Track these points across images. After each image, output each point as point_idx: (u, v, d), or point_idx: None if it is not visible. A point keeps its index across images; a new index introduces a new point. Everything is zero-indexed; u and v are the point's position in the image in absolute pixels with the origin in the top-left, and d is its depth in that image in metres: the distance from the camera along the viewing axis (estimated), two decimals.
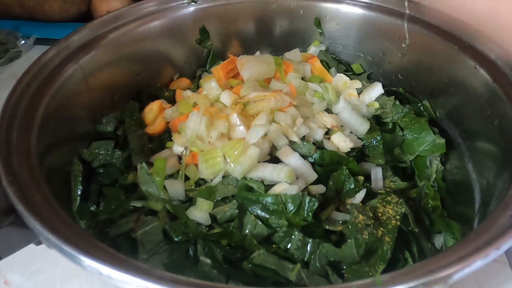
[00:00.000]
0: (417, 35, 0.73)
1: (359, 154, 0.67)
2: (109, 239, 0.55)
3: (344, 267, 0.52)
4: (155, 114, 0.72)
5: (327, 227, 0.55)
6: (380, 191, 0.60)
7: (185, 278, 0.37)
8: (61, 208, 0.45)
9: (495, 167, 0.57)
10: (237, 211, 0.56)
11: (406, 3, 0.75)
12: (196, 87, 0.80)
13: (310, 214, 0.54)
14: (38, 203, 0.44)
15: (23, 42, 1.09)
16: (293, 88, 0.72)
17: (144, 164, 0.61)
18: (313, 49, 0.86)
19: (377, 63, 0.82)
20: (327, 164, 0.62)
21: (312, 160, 0.62)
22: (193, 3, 0.80)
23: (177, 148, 0.64)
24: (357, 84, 0.78)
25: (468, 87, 0.65)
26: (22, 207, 0.42)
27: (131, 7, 0.76)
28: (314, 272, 0.51)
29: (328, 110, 0.72)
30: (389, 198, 0.58)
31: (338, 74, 0.80)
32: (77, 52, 0.66)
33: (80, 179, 0.58)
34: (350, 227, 0.54)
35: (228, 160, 0.59)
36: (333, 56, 0.86)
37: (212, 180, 0.60)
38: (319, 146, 0.65)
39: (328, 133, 0.68)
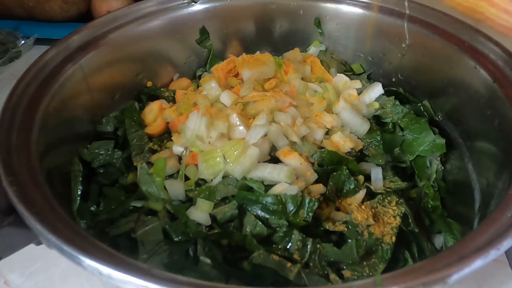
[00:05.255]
0: (417, 35, 0.73)
1: (359, 154, 0.67)
2: (109, 239, 0.55)
3: (344, 267, 0.52)
4: (155, 114, 0.72)
5: (327, 227, 0.55)
6: (380, 191, 0.60)
7: (185, 278, 0.37)
8: (61, 208, 0.45)
9: (495, 167, 0.57)
10: (237, 211, 0.56)
11: (406, 3, 0.75)
12: (196, 87, 0.80)
13: (310, 214, 0.54)
14: (38, 203, 0.44)
15: (23, 42, 1.09)
16: (293, 88, 0.72)
17: (144, 164, 0.61)
18: (313, 49, 0.86)
19: (377, 63, 0.82)
20: (327, 164, 0.62)
21: (312, 160, 0.62)
22: (193, 3, 0.80)
23: (177, 149, 0.64)
24: (357, 84, 0.78)
25: (468, 87, 0.65)
26: (22, 207, 0.42)
27: (131, 7, 0.76)
28: (314, 272, 0.51)
29: (328, 110, 0.72)
30: (389, 198, 0.58)
31: (338, 74, 0.80)
32: (77, 52, 0.66)
33: (80, 179, 0.58)
34: (350, 227, 0.54)
35: (228, 160, 0.59)
36: (333, 56, 0.86)
37: (212, 180, 0.60)
38: (319, 146, 0.65)
39: (328, 133, 0.68)
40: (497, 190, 0.53)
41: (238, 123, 0.63)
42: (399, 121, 0.72)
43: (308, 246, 0.52)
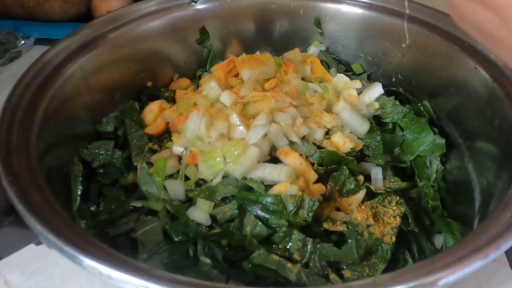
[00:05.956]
0: (417, 35, 0.73)
1: (359, 154, 0.67)
2: (109, 239, 0.55)
3: (344, 267, 0.52)
4: (155, 114, 0.72)
5: (327, 227, 0.55)
6: (380, 191, 0.60)
7: (185, 278, 0.37)
8: (61, 208, 0.45)
9: (495, 167, 0.57)
10: (237, 211, 0.56)
11: (406, 3, 0.75)
12: (196, 87, 0.80)
13: (310, 214, 0.54)
14: (38, 203, 0.44)
15: (23, 42, 1.09)
16: (293, 88, 0.72)
17: (144, 164, 0.61)
18: (313, 49, 0.86)
19: (377, 63, 0.82)
20: (327, 164, 0.62)
21: (312, 160, 0.62)
22: (193, 3, 0.80)
23: (177, 149, 0.64)
24: (357, 84, 0.78)
25: (468, 87, 0.65)
26: (22, 207, 0.42)
27: (131, 7, 0.76)
28: (314, 272, 0.51)
29: (328, 110, 0.72)
30: (389, 198, 0.58)
31: (338, 74, 0.80)
32: (77, 52, 0.66)
33: (80, 179, 0.58)
34: (350, 227, 0.54)
35: (228, 160, 0.59)
36: (333, 56, 0.86)
37: (212, 180, 0.60)
38: (319, 146, 0.65)
39: (328, 133, 0.68)
40: (497, 190, 0.53)
41: (238, 123, 0.63)
42: (399, 121, 0.72)
43: (308, 246, 0.52)
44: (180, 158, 0.64)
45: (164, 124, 0.71)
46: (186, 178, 0.62)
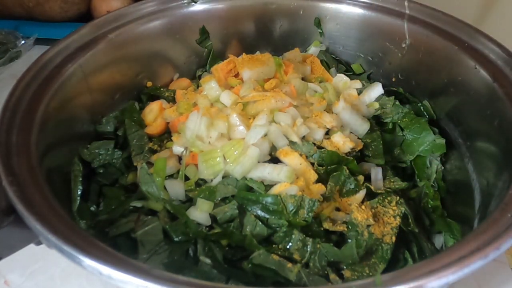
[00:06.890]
0: (417, 35, 0.73)
1: (359, 154, 0.67)
2: (109, 239, 0.55)
3: (344, 267, 0.52)
4: (155, 114, 0.72)
5: (327, 227, 0.55)
6: (380, 191, 0.60)
7: (185, 278, 0.37)
8: (61, 208, 0.45)
9: (495, 167, 0.57)
10: (237, 211, 0.56)
11: (406, 3, 0.75)
12: (196, 87, 0.80)
13: (310, 214, 0.54)
14: (38, 203, 0.44)
15: (23, 42, 1.09)
16: (293, 88, 0.72)
17: (144, 164, 0.61)
18: (313, 49, 0.86)
19: (377, 63, 0.82)
20: (327, 164, 0.62)
21: (312, 160, 0.62)
22: (193, 3, 0.80)
23: (177, 149, 0.64)
24: (357, 84, 0.78)
25: (468, 87, 0.65)
26: (22, 207, 0.42)
27: (131, 7, 0.76)
28: (314, 272, 0.51)
29: (328, 110, 0.72)
30: (389, 198, 0.58)
31: (338, 74, 0.80)
32: (77, 52, 0.66)
33: (80, 179, 0.58)
34: (350, 227, 0.54)
35: (228, 160, 0.59)
36: (333, 56, 0.86)
37: (212, 180, 0.60)
38: (319, 146, 0.65)
39: (328, 133, 0.68)
40: (497, 190, 0.53)
41: (238, 123, 0.63)
42: (399, 121, 0.72)
43: (308, 246, 0.52)
44: (180, 158, 0.64)
45: (164, 124, 0.71)
46: (186, 178, 0.62)
